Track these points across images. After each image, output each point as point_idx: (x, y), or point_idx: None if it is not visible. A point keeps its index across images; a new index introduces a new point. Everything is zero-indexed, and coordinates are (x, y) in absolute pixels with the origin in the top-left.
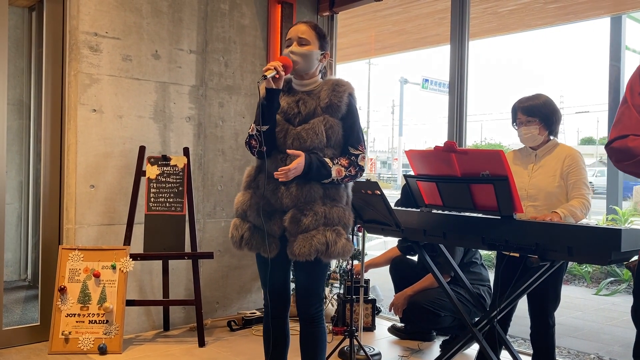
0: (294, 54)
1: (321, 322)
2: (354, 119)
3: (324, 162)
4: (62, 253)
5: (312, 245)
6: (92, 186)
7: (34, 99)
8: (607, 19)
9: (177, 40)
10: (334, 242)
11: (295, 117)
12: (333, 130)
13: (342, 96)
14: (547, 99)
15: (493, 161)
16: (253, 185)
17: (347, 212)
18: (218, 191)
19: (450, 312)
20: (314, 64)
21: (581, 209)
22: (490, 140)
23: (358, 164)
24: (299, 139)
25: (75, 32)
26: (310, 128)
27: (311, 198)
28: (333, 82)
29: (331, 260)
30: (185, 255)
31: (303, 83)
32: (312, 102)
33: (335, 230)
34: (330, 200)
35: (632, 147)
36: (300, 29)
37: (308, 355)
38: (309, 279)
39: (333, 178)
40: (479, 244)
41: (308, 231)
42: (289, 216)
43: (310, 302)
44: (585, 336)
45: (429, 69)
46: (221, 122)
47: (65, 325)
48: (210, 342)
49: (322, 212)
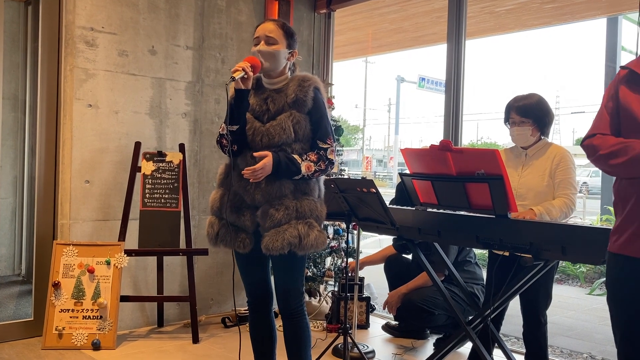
0: (262, 53)
1: (303, 317)
2: (321, 113)
3: (292, 159)
4: (57, 248)
5: (285, 239)
6: (87, 181)
7: (29, 94)
8: (604, 19)
9: (174, 36)
10: (306, 235)
11: (264, 114)
12: (300, 125)
13: (308, 90)
14: (541, 98)
15: (488, 160)
16: (227, 183)
17: (319, 205)
18: (213, 188)
19: (444, 310)
20: (282, 63)
21: (561, 208)
22: (487, 139)
23: (327, 158)
24: (267, 136)
25: (71, 27)
26: (277, 124)
27: (282, 193)
28: (299, 78)
29: (305, 252)
30: (180, 251)
31: (272, 81)
32: (280, 99)
33: (307, 222)
34: (302, 194)
35: (595, 145)
36: (268, 28)
37: (292, 351)
38: (286, 274)
39: (303, 174)
40: (473, 242)
41: (280, 225)
42: (261, 211)
43: (289, 297)
44: (578, 336)
45: (426, 68)
46: (217, 118)
47: (59, 321)
48: (204, 339)
49: (294, 205)
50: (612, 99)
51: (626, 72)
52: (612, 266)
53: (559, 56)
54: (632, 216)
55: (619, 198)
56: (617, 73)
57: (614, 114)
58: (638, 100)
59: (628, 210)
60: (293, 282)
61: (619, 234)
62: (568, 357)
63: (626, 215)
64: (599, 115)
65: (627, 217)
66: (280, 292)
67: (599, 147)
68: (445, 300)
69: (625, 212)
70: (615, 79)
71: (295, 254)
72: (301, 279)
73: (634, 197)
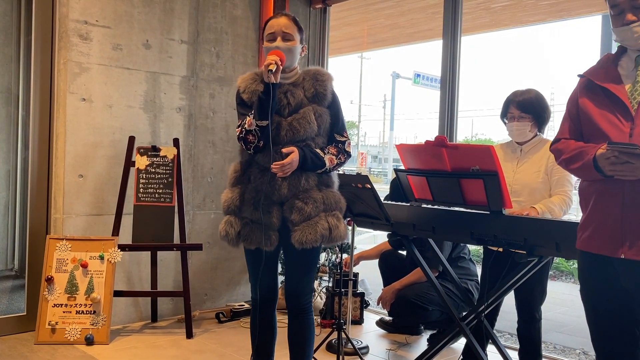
0: (281, 49)
1: (310, 313)
2: (338, 107)
3: (316, 154)
4: (50, 243)
5: (317, 231)
6: (81, 176)
7: (22, 87)
8: (599, 16)
9: (169, 30)
10: (335, 227)
11: (284, 108)
12: (322, 118)
13: (327, 85)
14: (539, 94)
15: (483, 156)
16: (243, 181)
17: (341, 197)
18: (208, 183)
19: (438, 306)
20: (297, 58)
21: (561, 206)
22: (481, 135)
23: (345, 151)
24: (292, 130)
25: (65, 20)
26: (301, 117)
27: (308, 186)
28: (314, 72)
29: (332, 244)
30: (174, 246)
31: (286, 76)
32: (298, 92)
33: (334, 215)
34: (326, 187)
35: (559, 149)
36: (283, 23)
37: (296, 347)
38: (302, 270)
39: (327, 167)
40: (467, 238)
41: (310, 218)
42: (290, 206)
43: (301, 293)
44: (571, 331)
45: (421, 64)
46: (212, 113)
47: (52, 316)
48: (198, 334)
49: (321, 198)
50: (574, 106)
51: (584, 80)
52: (579, 262)
53: (554, 53)
54: (592, 215)
55: (582, 197)
56: (578, 81)
57: (576, 120)
58: (596, 108)
59: (589, 209)
60: (307, 279)
61: (582, 231)
62: (561, 353)
63: (588, 213)
64: (563, 121)
65: (589, 215)
66: (292, 288)
67: (562, 151)
68: (439, 296)
69: (587, 210)
70: (576, 86)
71: (316, 250)
72: (314, 276)
73: (593, 197)
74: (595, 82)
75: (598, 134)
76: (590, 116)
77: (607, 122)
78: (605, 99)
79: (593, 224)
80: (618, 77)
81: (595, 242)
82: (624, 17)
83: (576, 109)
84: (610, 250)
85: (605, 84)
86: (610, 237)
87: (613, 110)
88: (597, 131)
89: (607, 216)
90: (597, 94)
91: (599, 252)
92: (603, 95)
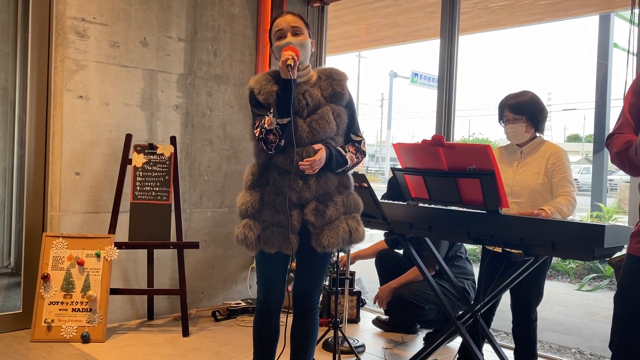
0: (294, 44)
1: (316, 314)
2: (354, 107)
3: (340, 152)
4: (46, 240)
5: (339, 235)
6: (77, 173)
7: (19, 85)
8: (596, 16)
9: (166, 27)
10: (355, 230)
11: (303, 109)
12: (340, 118)
13: (344, 84)
14: (534, 95)
15: (480, 156)
16: (261, 183)
17: (359, 199)
18: (205, 181)
19: (435, 305)
20: (309, 53)
21: (567, 206)
22: (478, 135)
23: (362, 150)
24: (312, 131)
25: (62, 17)
26: (320, 117)
27: (329, 189)
28: (329, 71)
29: (351, 246)
30: (171, 244)
31: (300, 74)
32: (316, 92)
33: (354, 217)
34: (344, 189)
35: (613, 144)
36: (290, 19)
37: (299, 346)
38: (315, 271)
39: (348, 165)
40: (464, 237)
41: (332, 221)
42: (311, 209)
43: (310, 294)
44: (567, 331)
45: (419, 63)
46: (209, 111)
47: (48, 313)
48: (194, 332)
49: (341, 201)
50: (635, 97)
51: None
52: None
53: (552, 53)
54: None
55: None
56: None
57: (637, 112)
58: None
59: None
60: (318, 280)
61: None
62: (557, 352)
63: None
64: (620, 115)
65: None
66: (303, 288)
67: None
68: (435, 295)
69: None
70: (636, 78)
71: (330, 254)
72: (324, 278)
73: None
74: None
75: None
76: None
77: None
78: None
79: None
80: None
81: None
82: None
83: (638, 101)
84: None
85: None
86: None
87: None
88: None
89: None
90: None
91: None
92: None
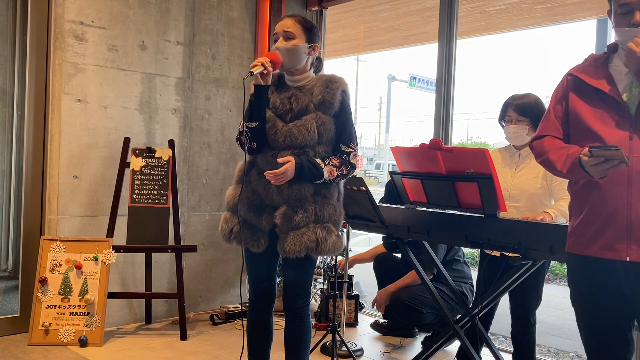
0: (280, 50)
1: (307, 316)
2: (346, 116)
3: (315, 164)
4: (44, 244)
5: (303, 242)
6: (76, 177)
7: (17, 88)
8: (594, 20)
9: (164, 31)
10: (324, 240)
11: (287, 113)
12: (325, 127)
13: (336, 93)
14: (538, 98)
15: (478, 159)
16: (245, 180)
17: (337, 209)
18: (203, 184)
19: (433, 309)
20: (302, 58)
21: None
22: (477, 139)
23: (350, 162)
24: (290, 136)
25: (61, 21)
26: (302, 125)
27: (302, 196)
28: (326, 78)
29: (322, 256)
30: (169, 248)
31: (294, 79)
32: (305, 98)
33: (325, 227)
34: (321, 198)
35: (544, 146)
36: (286, 24)
37: (292, 350)
38: (298, 274)
39: (325, 179)
40: (462, 241)
41: (298, 228)
42: (280, 212)
43: (298, 296)
44: (565, 335)
45: (417, 67)
46: (207, 115)
47: (45, 317)
48: (192, 336)
49: (313, 209)
50: (560, 103)
51: (571, 78)
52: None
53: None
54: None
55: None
56: (563, 79)
57: (563, 118)
58: (587, 108)
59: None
60: (303, 282)
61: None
62: (555, 356)
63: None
64: (547, 117)
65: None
66: (289, 290)
67: (546, 149)
68: (433, 299)
69: (584, 212)
70: (561, 84)
71: (310, 257)
72: (310, 280)
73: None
74: (587, 82)
75: (589, 135)
76: (581, 117)
77: (601, 123)
78: (597, 100)
79: (593, 226)
80: (610, 77)
81: (597, 244)
82: (632, 16)
83: (563, 107)
84: (616, 253)
85: (597, 83)
86: (614, 239)
87: (609, 111)
88: (589, 132)
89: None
90: (588, 94)
91: (600, 255)
92: (595, 95)
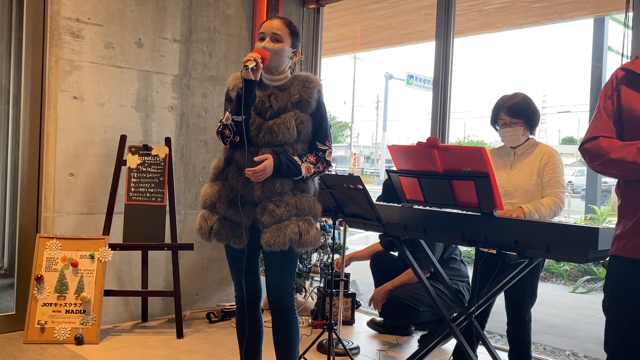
0: (268, 49)
1: (293, 312)
2: (322, 115)
3: (293, 162)
4: (40, 241)
5: (286, 235)
6: (72, 174)
7: (13, 85)
8: (591, 20)
9: (161, 28)
10: (306, 232)
11: (266, 111)
12: (303, 125)
13: (312, 92)
14: (526, 97)
15: (475, 158)
16: (222, 177)
17: (316, 203)
18: (200, 182)
19: (429, 307)
20: (285, 61)
21: (550, 206)
22: (473, 137)
23: (325, 160)
24: (270, 133)
25: (57, 17)
26: (281, 122)
27: (282, 190)
28: (303, 78)
29: (304, 249)
30: (165, 246)
31: (272, 78)
32: (283, 97)
33: (306, 220)
34: (300, 192)
35: (603, 147)
36: (275, 25)
37: (281, 346)
38: (280, 269)
39: (303, 176)
40: (458, 240)
41: (281, 221)
42: (262, 207)
43: (281, 292)
44: (561, 333)
45: (414, 65)
46: (204, 112)
47: (41, 315)
48: (188, 334)
49: (294, 202)
50: (610, 99)
51: (624, 73)
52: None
53: (547, 55)
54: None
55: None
56: (613, 74)
57: (615, 116)
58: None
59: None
60: (286, 277)
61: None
62: (551, 355)
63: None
64: (598, 117)
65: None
66: (273, 287)
67: (605, 150)
68: (430, 297)
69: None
70: (611, 80)
71: (292, 250)
72: (294, 275)
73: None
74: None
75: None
76: (635, 111)
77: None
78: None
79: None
80: None
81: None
82: None
83: (614, 104)
84: None
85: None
86: None
87: None
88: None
89: None
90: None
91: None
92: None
